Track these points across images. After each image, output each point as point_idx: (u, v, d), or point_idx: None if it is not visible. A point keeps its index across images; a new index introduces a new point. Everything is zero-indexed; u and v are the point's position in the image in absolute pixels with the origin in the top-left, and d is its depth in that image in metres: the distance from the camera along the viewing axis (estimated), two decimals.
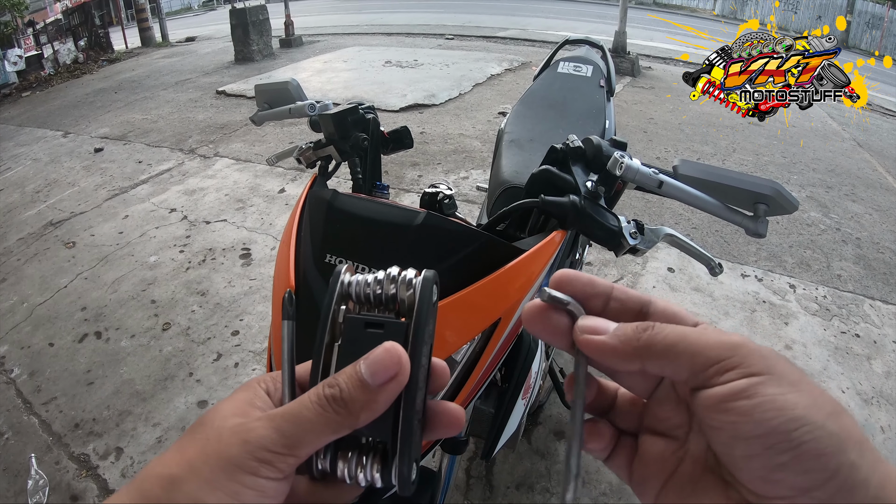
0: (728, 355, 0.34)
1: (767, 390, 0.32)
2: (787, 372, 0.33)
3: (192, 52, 12.11)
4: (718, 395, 0.33)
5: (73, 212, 4.46)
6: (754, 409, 0.31)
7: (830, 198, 4.69)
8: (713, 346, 0.35)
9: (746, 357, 0.34)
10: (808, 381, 0.33)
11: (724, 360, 0.34)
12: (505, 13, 16.65)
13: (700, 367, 0.35)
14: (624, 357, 0.38)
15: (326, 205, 1.10)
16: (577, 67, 2.48)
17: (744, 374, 0.33)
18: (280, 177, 4.85)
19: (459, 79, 7.99)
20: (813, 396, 0.32)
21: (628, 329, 0.38)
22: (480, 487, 2.13)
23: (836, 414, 0.32)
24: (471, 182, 4.62)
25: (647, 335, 0.37)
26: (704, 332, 0.36)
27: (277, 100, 1.51)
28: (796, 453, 0.30)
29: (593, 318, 0.40)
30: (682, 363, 0.35)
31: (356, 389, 0.37)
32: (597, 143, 1.07)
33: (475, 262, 1.00)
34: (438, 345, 0.97)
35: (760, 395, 0.32)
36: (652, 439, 0.42)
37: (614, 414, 0.45)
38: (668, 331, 0.37)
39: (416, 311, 0.39)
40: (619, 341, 0.38)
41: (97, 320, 3.10)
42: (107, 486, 2.17)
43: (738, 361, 0.33)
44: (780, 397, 0.31)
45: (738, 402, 0.32)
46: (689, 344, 0.35)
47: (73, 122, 7.03)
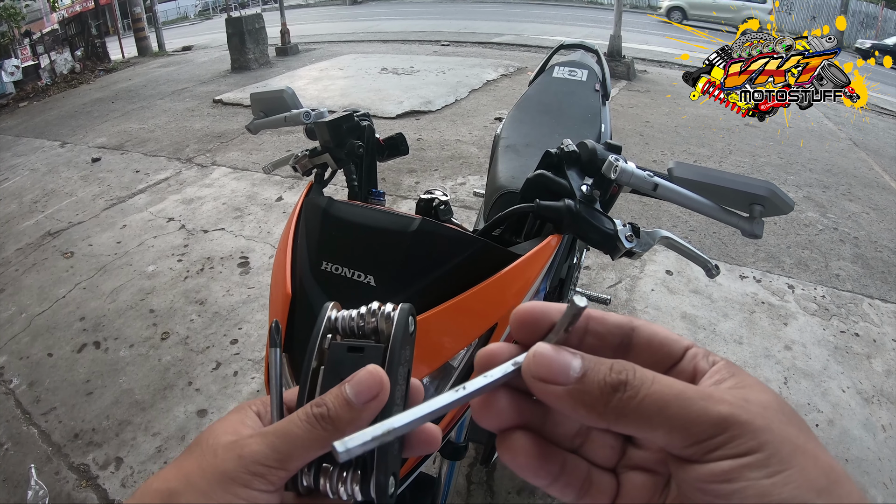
0: (715, 433, 0.30)
1: (752, 474, 0.29)
2: (779, 445, 0.30)
3: (189, 62, 12.14)
4: (699, 474, 0.30)
5: (70, 222, 4.46)
6: (734, 495, 0.29)
7: (827, 197, 4.70)
8: (698, 422, 0.30)
9: (736, 435, 0.30)
10: (804, 447, 0.30)
11: (709, 440, 0.30)
12: (500, 19, 16.70)
13: (681, 443, 0.31)
14: (587, 418, 0.33)
15: (322, 212, 1.11)
16: (572, 72, 2.49)
17: (730, 455, 0.30)
18: (277, 185, 4.85)
19: (455, 85, 8.01)
20: (805, 471, 0.29)
21: (594, 386, 0.32)
22: (481, 493, 2.12)
23: (831, 487, 0.29)
24: (468, 188, 4.63)
25: (617, 400, 0.32)
26: (690, 401, 0.31)
27: (273, 108, 1.52)
28: None
29: (547, 355, 0.34)
30: (659, 436, 0.31)
31: (342, 408, 0.39)
32: (591, 146, 1.08)
33: (471, 267, 1.00)
34: (436, 351, 0.97)
35: (743, 480, 0.29)
36: (635, 476, 0.37)
37: (588, 446, 0.39)
38: (644, 395, 0.32)
39: (393, 337, 0.43)
40: (583, 402, 0.33)
41: (96, 330, 3.10)
42: (107, 496, 2.17)
43: (725, 440, 0.30)
44: (764, 482, 0.29)
45: (719, 486, 0.29)
46: (670, 417, 0.31)
47: (70, 132, 7.04)
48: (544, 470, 0.36)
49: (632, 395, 0.32)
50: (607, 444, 0.38)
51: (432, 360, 0.97)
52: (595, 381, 0.33)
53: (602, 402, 0.32)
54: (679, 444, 0.31)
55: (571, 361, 0.33)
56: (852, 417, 2.43)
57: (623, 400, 0.32)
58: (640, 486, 0.36)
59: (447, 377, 1.01)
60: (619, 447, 0.38)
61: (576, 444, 0.38)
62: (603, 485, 0.37)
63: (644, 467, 0.37)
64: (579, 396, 0.33)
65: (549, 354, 0.34)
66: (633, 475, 0.37)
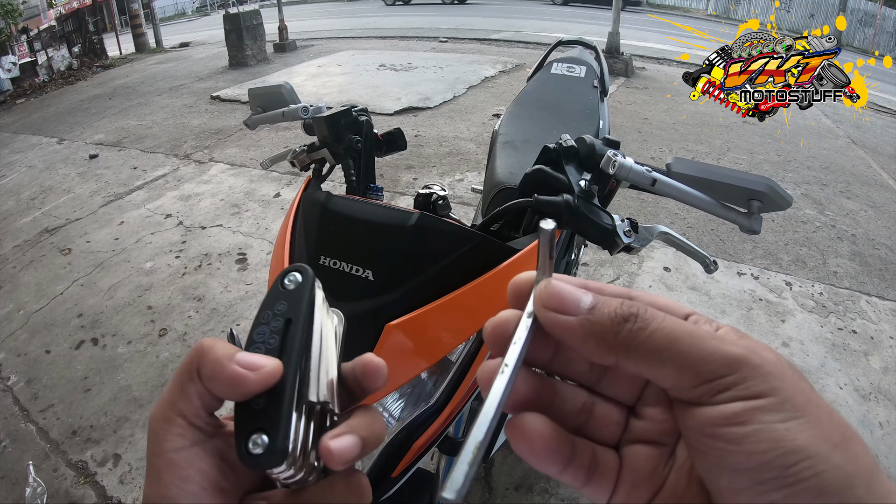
0: (726, 372, 0.29)
1: (765, 417, 0.27)
2: (793, 393, 0.28)
3: (187, 58, 12.11)
4: (707, 417, 0.29)
5: (68, 218, 4.45)
6: (745, 438, 0.27)
7: (825, 195, 4.70)
8: (709, 360, 0.29)
9: (747, 376, 0.28)
10: (817, 402, 0.29)
11: (719, 379, 0.29)
12: (498, 16, 16.69)
13: (690, 381, 0.29)
14: (595, 351, 0.32)
15: (320, 207, 1.10)
16: (570, 68, 2.48)
17: (740, 396, 0.28)
18: (275, 181, 4.84)
19: (454, 81, 8.01)
20: (820, 423, 0.28)
21: (604, 316, 0.32)
22: (479, 489, 2.12)
23: (845, 443, 0.28)
24: (466, 184, 4.62)
25: (627, 331, 0.31)
26: (701, 339, 0.30)
27: (271, 103, 1.51)
28: (793, 490, 0.26)
29: (559, 286, 0.33)
30: (667, 373, 0.30)
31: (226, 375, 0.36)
32: (590, 142, 1.07)
33: (469, 262, 1.00)
34: (434, 346, 0.97)
35: (756, 423, 0.27)
36: (639, 449, 0.35)
37: (592, 423, 0.37)
38: (654, 328, 0.30)
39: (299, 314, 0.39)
40: (591, 333, 0.32)
41: (94, 327, 3.10)
42: (105, 492, 2.16)
43: (736, 381, 0.28)
44: (778, 426, 0.27)
45: (729, 429, 0.28)
46: (680, 352, 0.30)
47: (67, 129, 7.03)
48: (560, 454, 0.33)
49: (642, 326, 0.31)
50: (611, 419, 0.36)
51: (431, 355, 0.97)
52: (605, 312, 0.32)
53: (612, 333, 0.31)
54: (687, 382, 0.29)
55: (582, 295, 0.33)
56: (850, 414, 2.43)
57: (633, 331, 0.31)
58: (644, 458, 0.34)
59: (446, 372, 1.01)
60: (623, 421, 0.36)
61: (580, 421, 0.36)
62: (608, 462, 0.35)
63: (647, 439, 0.35)
64: (590, 327, 0.32)
65: (560, 286, 0.33)
66: (635, 448, 0.35)
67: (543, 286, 0.34)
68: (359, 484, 0.38)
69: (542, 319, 0.33)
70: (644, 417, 0.36)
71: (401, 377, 0.98)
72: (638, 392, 0.36)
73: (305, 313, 0.38)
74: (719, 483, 0.29)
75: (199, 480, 0.35)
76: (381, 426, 0.39)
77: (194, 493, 0.35)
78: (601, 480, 0.34)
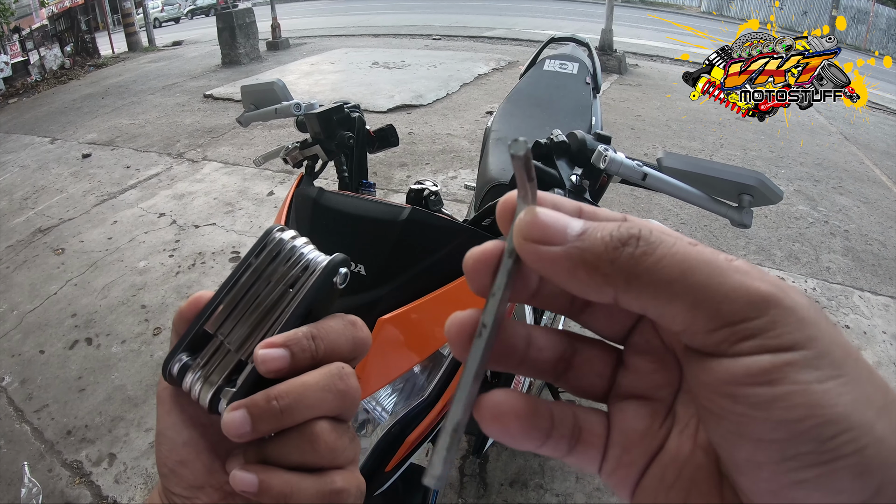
0: (752, 314, 0.22)
1: (800, 375, 0.21)
2: (830, 345, 0.22)
3: (179, 57, 12.08)
4: (726, 372, 0.22)
5: (61, 218, 4.44)
6: (775, 402, 0.21)
7: (818, 191, 4.72)
8: (732, 297, 0.22)
9: (778, 321, 0.22)
10: (856, 356, 0.23)
11: (744, 322, 0.22)
12: (492, 13, 16.66)
13: (706, 324, 0.23)
14: (587, 284, 0.25)
15: (312, 202, 1.11)
16: (563, 65, 2.49)
17: (769, 347, 0.22)
18: (269, 180, 4.84)
19: (447, 79, 8.00)
20: (860, 383, 0.22)
21: (598, 241, 0.25)
22: (474, 485, 2.13)
23: (889, 407, 0.22)
24: (459, 181, 4.62)
25: (627, 256, 0.24)
26: (722, 270, 0.23)
27: (263, 100, 1.52)
28: (829, 469, 0.21)
29: (540, 212, 0.26)
30: (678, 311, 0.23)
31: None
32: (581, 137, 1.08)
33: (460, 256, 1.00)
34: (426, 339, 0.98)
35: (788, 382, 0.21)
36: (627, 406, 0.29)
37: (572, 373, 0.31)
38: (663, 254, 0.24)
39: None
40: (581, 262, 0.25)
41: (88, 326, 3.09)
42: (100, 492, 2.16)
43: (764, 326, 0.22)
44: (815, 387, 0.21)
45: (755, 389, 0.22)
46: (696, 285, 0.23)
47: (60, 129, 7.00)
48: (537, 429, 0.28)
49: (646, 251, 0.24)
50: (594, 369, 0.31)
51: (423, 349, 0.98)
52: (599, 236, 0.25)
53: (607, 260, 0.24)
54: (703, 324, 0.23)
55: (569, 220, 0.26)
56: None
57: (635, 256, 0.24)
58: (633, 416, 0.29)
59: (438, 365, 1.02)
60: (607, 373, 0.31)
61: (558, 371, 0.31)
62: (592, 427, 0.29)
63: (637, 394, 0.29)
64: (579, 255, 0.25)
65: (543, 212, 0.27)
66: (623, 405, 0.29)
67: (523, 215, 0.27)
68: (310, 432, 0.37)
69: (522, 254, 0.27)
70: (631, 367, 0.30)
71: (393, 371, 0.98)
72: (626, 329, 0.30)
73: (247, 253, 0.42)
74: (737, 455, 0.23)
75: (179, 413, 0.40)
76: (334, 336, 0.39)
77: (175, 424, 0.40)
78: (586, 448, 0.29)
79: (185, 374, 0.39)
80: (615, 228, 0.25)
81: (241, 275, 0.41)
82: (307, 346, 0.37)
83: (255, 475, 0.35)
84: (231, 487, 0.37)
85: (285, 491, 0.36)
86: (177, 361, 0.39)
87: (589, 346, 0.31)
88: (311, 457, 0.37)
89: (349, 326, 0.41)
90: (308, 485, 0.37)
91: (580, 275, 0.25)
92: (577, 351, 0.31)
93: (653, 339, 0.29)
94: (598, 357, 0.31)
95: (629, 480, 0.28)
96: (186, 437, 0.39)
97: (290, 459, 0.37)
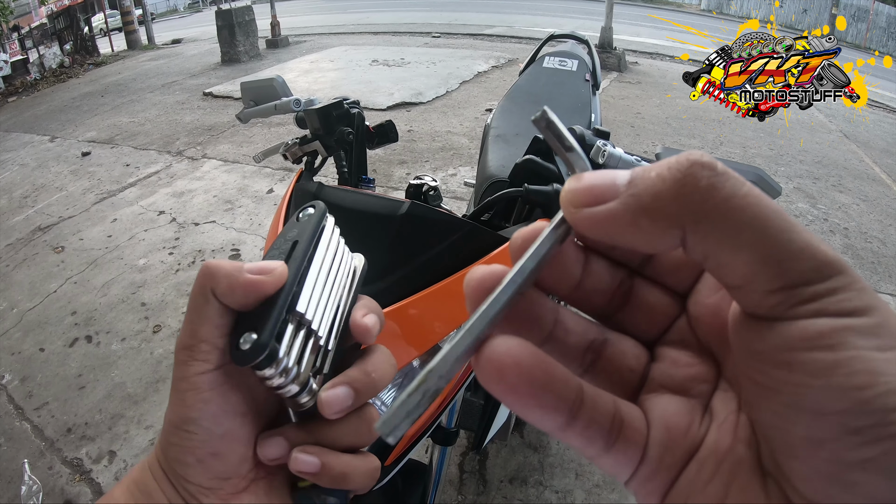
0: (816, 278, 0.20)
1: (861, 341, 0.19)
2: (889, 317, 0.20)
3: (179, 55, 12.07)
4: (783, 337, 0.21)
5: (61, 216, 4.44)
6: (836, 369, 0.19)
7: (818, 189, 4.72)
8: (800, 256, 0.20)
9: (842, 287, 0.20)
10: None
11: (807, 285, 0.20)
12: (492, 10, 16.65)
13: (770, 281, 0.21)
14: (653, 230, 0.22)
15: (312, 197, 1.11)
16: (562, 62, 2.49)
17: (829, 311, 0.20)
18: (268, 177, 4.84)
19: (447, 76, 8.00)
20: None
21: (653, 180, 0.22)
22: (474, 482, 2.13)
23: None
24: (459, 178, 4.62)
25: (692, 186, 0.21)
26: (792, 225, 0.21)
27: (263, 97, 1.52)
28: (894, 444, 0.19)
29: (583, 175, 0.25)
30: (742, 262, 0.21)
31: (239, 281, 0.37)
32: (580, 132, 1.08)
33: (460, 250, 1.00)
34: (426, 333, 0.98)
35: (849, 347, 0.19)
36: (666, 401, 0.26)
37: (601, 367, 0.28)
38: (730, 192, 0.21)
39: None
40: (642, 209, 0.22)
41: (87, 324, 3.09)
42: (101, 489, 2.16)
43: (826, 290, 0.20)
44: (877, 355, 0.19)
45: (813, 354, 0.20)
46: (767, 237, 0.21)
47: (59, 127, 7.00)
48: (553, 396, 0.23)
49: (713, 182, 0.21)
50: (626, 362, 0.28)
51: (422, 343, 0.98)
52: (653, 175, 0.22)
53: (670, 197, 0.22)
54: (765, 282, 0.21)
55: (615, 173, 0.24)
56: None
57: (702, 188, 0.21)
58: (676, 411, 0.25)
59: None
60: (640, 366, 0.28)
61: (586, 362, 0.28)
62: (634, 420, 0.25)
63: (673, 387, 0.27)
64: (636, 202, 0.22)
65: (585, 175, 0.25)
66: (662, 399, 0.26)
67: (567, 185, 0.25)
68: (369, 417, 0.39)
69: (577, 224, 0.24)
70: (666, 360, 0.28)
71: None
72: (663, 328, 0.28)
73: (310, 235, 0.39)
74: (793, 434, 0.21)
75: (221, 402, 0.36)
76: (383, 372, 0.40)
77: (214, 414, 0.36)
78: (627, 447, 0.24)
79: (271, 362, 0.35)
80: (671, 161, 0.22)
81: (312, 257, 0.39)
82: (368, 381, 0.39)
83: (316, 457, 0.36)
84: (254, 473, 0.38)
85: (346, 471, 0.37)
86: (271, 350, 0.34)
87: (620, 337, 0.29)
88: (364, 438, 0.39)
89: (388, 357, 0.41)
90: (359, 464, 0.38)
91: (643, 223, 0.22)
92: (609, 342, 0.28)
93: (688, 337, 0.28)
94: (630, 350, 0.28)
95: (664, 486, 0.25)
96: (226, 429, 0.37)
97: (343, 441, 0.38)
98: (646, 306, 0.28)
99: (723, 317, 0.26)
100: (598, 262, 0.28)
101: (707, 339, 0.27)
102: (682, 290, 0.28)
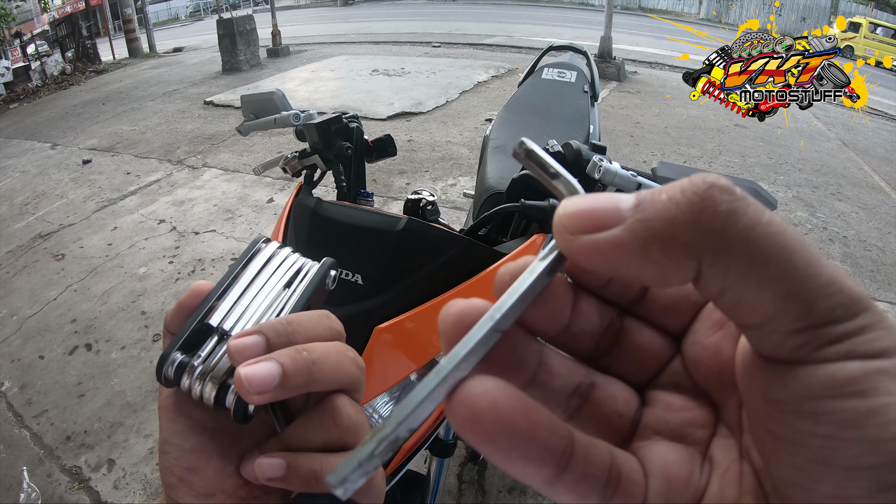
0: (843, 316, 0.18)
1: (893, 385, 0.17)
2: None
3: (180, 63, 12.10)
4: (807, 383, 0.18)
5: (61, 224, 4.45)
6: (869, 418, 0.17)
7: (817, 197, 4.74)
8: (827, 293, 0.18)
9: (868, 325, 0.18)
10: None
11: (833, 325, 0.18)
12: (491, 21, 16.72)
13: (794, 320, 0.18)
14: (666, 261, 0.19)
15: (311, 212, 1.12)
16: (561, 73, 2.51)
17: (858, 353, 0.18)
18: (268, 187, 4.85)
19: (446, 86, 8.02)
20: None
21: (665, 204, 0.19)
22: (472, 492, 2.13)
23: None
24: (458, 189, 4.63)
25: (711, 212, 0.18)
26: (817, 259, 0.19)
27: (263, 110, 1.53)
28: None
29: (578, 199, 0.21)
30: (765, 298, 0.18)
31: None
32: (576, 147, 1.09)
33: (456, 266, 1.01)
34: (422, 348, 0.99)
35: (882, 393, 0.17)
36: (663, 449, 0.24)
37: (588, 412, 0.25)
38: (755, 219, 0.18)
39: None
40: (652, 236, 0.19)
41: (87, 332, 3.10)
42: (99, 498, 2.17)
43: (853, 329, 0.18)
44: None
45: (843, 402, 0.17)
46: (794, 269, 0.18)
47: (60, 134, 7.01)
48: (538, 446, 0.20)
49: (734, 208, 0.19)
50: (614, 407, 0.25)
51: (420, 357, 0.99)
52: (665, 197, 0.20)
53: (686, 222, 0.19)
54: (789, 321, 0.18)
55: (617, 195, 0.21)
56: None
57: (722, 214, 0.18)
58: (675, 460, 0.23)
59: None
60: (630, 412, 0.25)
61: (571, 408, 0.25)
62: (633, 474, 0.22)
63: (667, 434, 0.24)
64: (645, 228, 0.19)
65: (579, 198, 0.21)
66: (658, 448, 0.24)
67: (561, 208, 0.22)
68: (333, 408, 0.37)
69: (574, 254, 0.21)
70: (659, 404, 0.25)
71: (390, 379, 0.99)
72: (654, 371, 0.26)
73: (241, 257, 0.43)
74: (817, 492, 0.18)
75: (185, 420, 0.39)
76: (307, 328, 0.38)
77: (181, 431, 0.38)
78: (625, 501, 0.22)
79: (181, 373, 0.38)
80: (685, 183, 0.19)
81: (239, 273, 0.42)
82: (282, 329, 0.36)
83: (282, 459, 0.35)
84: (244, 492, 0.38)
85: (315, 468, 0.35)
86: (170, 363, 0.37)
87: (609, 380, 0.26)
88: (334, 433, 0.36)
89: (322, 317, 0.40)
90: (336, 461, 0.35)
91: (654, 253, 0.19)
92: (596, 385, 0.25)
93: (683, 379, 0.25)
94: (619, 394, 0.25)
95: None
96: (195, 443, 0.38)
97: (313, 441, 0.36)
98: (637, 348, 0.26)
99: (723, 358, 0.23)
100: (587, 300, 0.25)
101: (705, 383, 0.25)
102: (677, 330, 0.26)
